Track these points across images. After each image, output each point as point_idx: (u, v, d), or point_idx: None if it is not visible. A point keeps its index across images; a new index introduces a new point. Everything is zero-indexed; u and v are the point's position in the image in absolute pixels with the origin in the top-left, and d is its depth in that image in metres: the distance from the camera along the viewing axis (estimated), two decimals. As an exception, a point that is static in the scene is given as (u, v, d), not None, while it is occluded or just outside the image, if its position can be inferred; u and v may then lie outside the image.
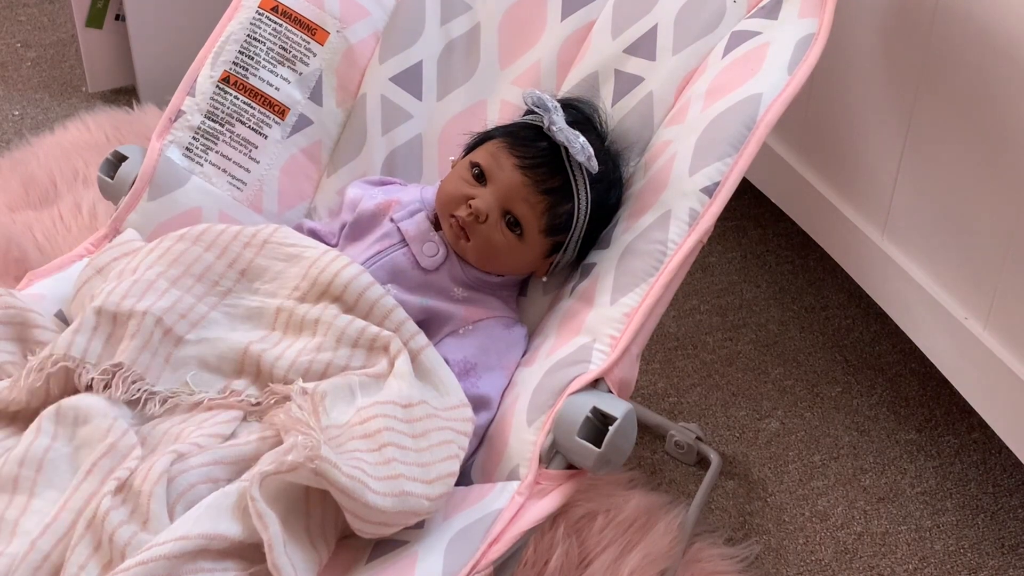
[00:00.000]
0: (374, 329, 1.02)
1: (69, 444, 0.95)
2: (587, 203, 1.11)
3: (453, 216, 1.11)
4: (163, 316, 1.01)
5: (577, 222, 1.11)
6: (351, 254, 1.14)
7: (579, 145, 1.08)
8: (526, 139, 1.11)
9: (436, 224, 1.14)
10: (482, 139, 1.16)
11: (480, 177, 1.11)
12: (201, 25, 1.37)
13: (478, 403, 1.07)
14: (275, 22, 1.25)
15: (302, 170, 1.27)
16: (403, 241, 1.13)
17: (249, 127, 1.23)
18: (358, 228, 1.17)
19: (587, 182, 1.11)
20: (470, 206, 1.09)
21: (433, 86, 1.29)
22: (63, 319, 1.12)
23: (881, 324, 1.74)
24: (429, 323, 1.10)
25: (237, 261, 1.07)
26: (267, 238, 1.08)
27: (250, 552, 0.88)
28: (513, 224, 1.10)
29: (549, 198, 1.10)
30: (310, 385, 0.96)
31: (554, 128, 1.08)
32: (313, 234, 1.21)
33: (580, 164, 1.09)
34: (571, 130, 1.08)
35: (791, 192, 1.66)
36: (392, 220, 1.15)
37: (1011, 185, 1.26)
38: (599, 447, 0.95)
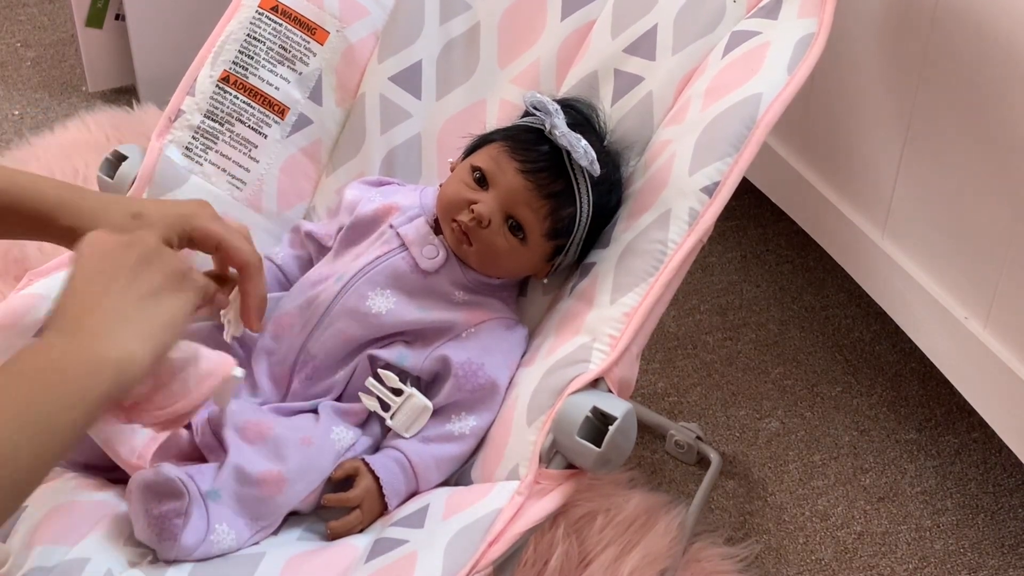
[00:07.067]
0: None
1: None
2: (589, 206, 1.11)
3: (455, 221, 1.10)
4: None
5: (579, 225, 1.11)
6: (348, 259, 1.14)
7: (582, 149, 1.07)
8: (527, 143, 1.11)
9: (436, 228, 1.14)
10: (482, 142, 1.15)
11: (481, 181, 1.11)
12: (201, 25, 1.37)
13: (487, 390, 1.08)
14: (275, 22, 1.24)
15: (301, 170, 1.27)
16: (402, 246, 1.13)
17: (249, 126, 1.23)
18: (356, 232, 1.16)
19: (589, 185, 1.10)
20: (472, 211, 1.09)
21: (432, 85, 1.29)
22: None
23: (881, 324, 1.75)
24: (429, 331, 1.10)
25: None
26: None
27: None
28: (515, 228, 1.10)
29: (551, 202, 1.10)
30: None
31: (556, 132, 1.08)
32: (310, 236, 1.21)
33: (582, 167, 1.09)
34: (573, 134, 1.08)
35: (791, 192, 1.66)
36: (391, 226, 1.14)
37: (1011, 185, 1.26)
38: (599, 447, 0.95)
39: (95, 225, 0.99)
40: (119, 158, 1.22)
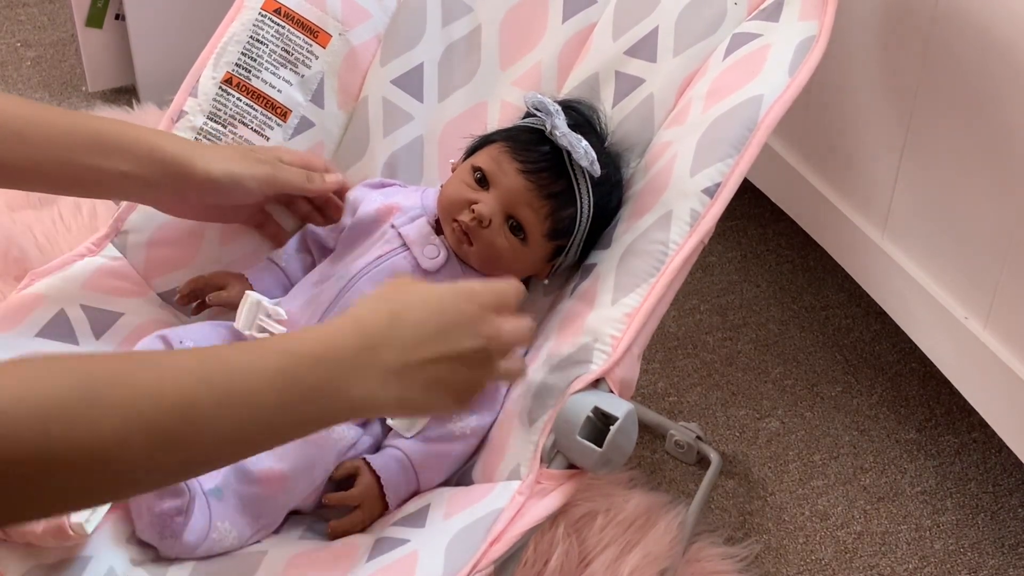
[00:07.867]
0: None
1: None
2: (589, 206, 1.11)
3: (456, 220, 1.11)
4: None
5: (580, 226, 1.11)
6: (350, 259, 1.14)
7: (582, 150, 1.07)
8: (528, 143, 1.11)
9: (437, 228, 1.14)
10: (483, 142, 1.16)
11: (482, 181, 1.11)
12: (201, 25, 1.37)
13: (489, 389, 1.07)
14: (278, 24, 1.25)
15: (303, 172, 1.27)
16: (404, 246, 1.13)
17: (251, 129, 1.23)
18: (358, 233, 1.16)
19: (589, 186, 1.11)
20: (473, 211, 1.09)
21: (434, 88, 1.29)
22: (64, 318, 1.12)
23: (881, 323, 1.75)
24: None
25: None
26: None
27: None
28: (516, 229, 1.10)
29: (552, 203, 1.10)
30: None
31: (557, 132, 1.08)
32: (313, 237, 1.21)
33: (583, 168, 1.09)
34: (574, 134, 1.08)
35: (791, 192, 1.66)
36: (393, 226, 1.14)
37: (1011, 185, 1.27)
38: (600, 447, 0.95)
39: (210, 153, 1.08)
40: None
